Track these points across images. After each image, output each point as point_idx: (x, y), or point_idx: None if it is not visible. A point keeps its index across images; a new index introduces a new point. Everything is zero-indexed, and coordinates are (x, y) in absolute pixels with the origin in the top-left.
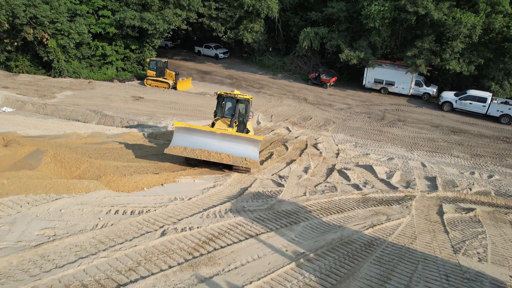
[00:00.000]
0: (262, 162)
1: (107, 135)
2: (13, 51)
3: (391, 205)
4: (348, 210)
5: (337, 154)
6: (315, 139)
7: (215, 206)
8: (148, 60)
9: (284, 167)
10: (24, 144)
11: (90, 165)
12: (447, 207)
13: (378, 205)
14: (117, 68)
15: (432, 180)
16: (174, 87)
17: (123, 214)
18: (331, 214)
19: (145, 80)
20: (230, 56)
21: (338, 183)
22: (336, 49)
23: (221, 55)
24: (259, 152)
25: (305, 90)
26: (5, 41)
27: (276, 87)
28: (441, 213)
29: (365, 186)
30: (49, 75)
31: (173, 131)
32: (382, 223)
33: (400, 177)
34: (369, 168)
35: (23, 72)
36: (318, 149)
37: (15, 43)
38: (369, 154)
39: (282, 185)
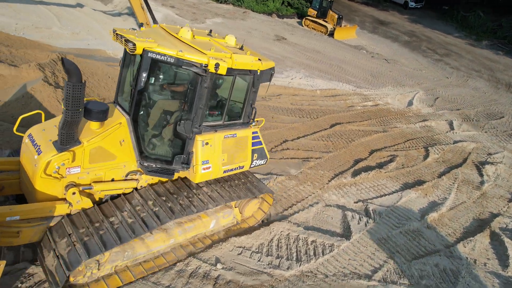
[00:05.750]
0: (356, 172)
1: None
2: None
3: None
4: None
5: None
6: (488, 155)
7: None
8: None
9: (391, 193)
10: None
11: None
12: None
13: None
14: (283, 1)
15: None
16: (332, 33)
17: None
18: None
19: (303, 20)
20: (423, 7)
21: (477, 263)
22: None
23: (412, 4)
24: None
25: None
26: None
27: (469, 59)
28: None
29: None
30: (217, 0)
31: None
32: None
33: None
34: None
35: None
36: (482, 175)
37: None
38: None
39: (349, 234)
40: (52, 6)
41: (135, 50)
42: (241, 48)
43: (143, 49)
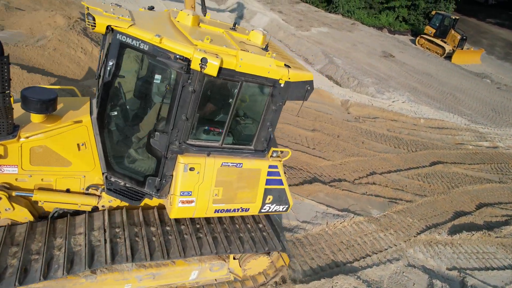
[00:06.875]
0: (455, 229)
1: None
2: None
3: None
4: None
5: None
6: None
7: None
8: (433, 12)
9: (503, 268)
10: None
11: None
12: None
13: None
14: (398, 16)
15: None
16: (450, 56)
17: None
18: None
19: (417, 38)
20: None
21: None
22: None
23: None
24: None
25: None
26: None
27: None
28: None
29: None
30: (327, 10)
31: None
32: None
33: None
34: None
35: (307, 2)
36: None
37: None
38: None
39: None
40: (168, 1)
41: (95, 26)
42: (265, 49)
43: (112, 29)
